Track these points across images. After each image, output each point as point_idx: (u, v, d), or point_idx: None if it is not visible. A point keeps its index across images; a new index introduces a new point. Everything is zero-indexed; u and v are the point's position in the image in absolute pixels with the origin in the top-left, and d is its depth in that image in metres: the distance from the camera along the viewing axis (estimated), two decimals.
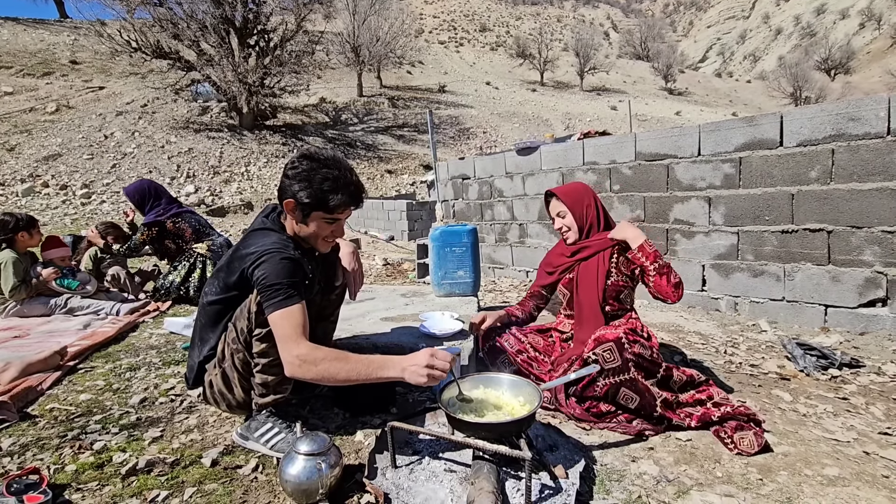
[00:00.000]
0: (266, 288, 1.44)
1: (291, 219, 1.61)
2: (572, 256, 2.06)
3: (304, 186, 1.53)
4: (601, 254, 1.99)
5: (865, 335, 2.84)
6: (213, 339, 1.66)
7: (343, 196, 1.55)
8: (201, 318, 1.70)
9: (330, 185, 1.53)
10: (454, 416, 1.36)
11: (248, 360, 1.56)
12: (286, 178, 1.57)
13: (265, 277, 1.45)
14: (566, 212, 2.06)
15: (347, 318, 2.58)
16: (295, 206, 1.56)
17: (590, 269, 2.00)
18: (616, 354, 1.64)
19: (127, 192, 3.89)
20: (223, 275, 1.61)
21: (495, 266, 5.56)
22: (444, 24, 56.05)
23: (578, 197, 2.07)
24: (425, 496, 1.28)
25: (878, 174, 2.79)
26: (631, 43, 58.35)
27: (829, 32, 72.48)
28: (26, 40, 21.32)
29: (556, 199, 2.09)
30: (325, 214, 1.57)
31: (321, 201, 1.54)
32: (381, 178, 15.79)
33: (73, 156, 13.51)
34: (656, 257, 1.86)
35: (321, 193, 1.53)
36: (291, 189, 1.55)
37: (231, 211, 12.23)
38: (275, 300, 1.42)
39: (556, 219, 2.11)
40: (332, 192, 1.54)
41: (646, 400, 1.66)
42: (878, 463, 1.51)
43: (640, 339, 1.72)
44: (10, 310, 3.43)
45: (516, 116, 23.44)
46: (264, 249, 1.50)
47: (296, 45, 17.49)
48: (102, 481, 1.43)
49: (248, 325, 1.51)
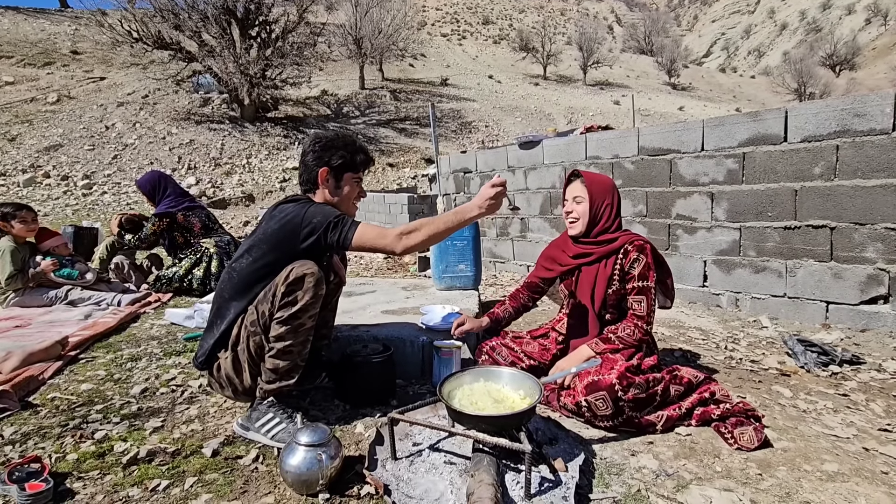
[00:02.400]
0: (333, 225, 1.58)
1: (324, 188, 1.76)
2: (575, 258, 1.95)
3: (333, 153, 1.74)
4: (605, 261, 1.87)
5: (866, 332, 2.83)
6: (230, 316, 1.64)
7: (363, 155, 1.81)
8: (225, 292, 1.67)
9: (351, 148, 1.78)
10: (454, 409, 1.36)
11: (262, 344, 1.57)
12: (311, 155, 1.75)
13: (325, 219, 1.58)
14: (584, 199, 1.89)
15: (348, 311, 2.58)
16: (328, 174, 1.74)
17: (591, 274, 1.89)
18: (609, 403, 1.61)
19: (139, 184, 3.93)
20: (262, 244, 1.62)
21: (497, 260, 5.56)
22: (446, 16, 55.68)
23: (603, 190, 1.91)
24: (425, 488, 1.28)
25: (883, 171, 2.77)
26: (635, 37, 57.88)
27: (834, 28, 71.88)
28: (27, 30, 21.21)
29: (580, 181, 1.92)
30: (353, 174, 1.79)
31: (351, 161, 1.77)
32: (383, 172, 15.75)
33: (75, 146, 13.48)
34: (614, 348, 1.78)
35: (348, 155, 1.76)
36: (322, 159, 1.74)
37: (232, 203, 12.21)
38: (345, 225, 1.58)
39: (569, 202, 1.94)
40: (355, 154, 1.78)
41: (643, 427, 1.65)
42: (877, 459, 1.51)
43: (634, 380, 1.63)
44: (10, 300, 3.44)
45: (519, 110, 23.33)
46: (314, 208, 1.62)
47: (297, 37, 17.36)
48: (104, 470, 1.43)
49: (269, 308, 1.54)
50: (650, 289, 1.81)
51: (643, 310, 1.80)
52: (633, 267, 1.82)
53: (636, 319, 1.81)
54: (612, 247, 1.86)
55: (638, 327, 1.79)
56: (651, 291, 1.82)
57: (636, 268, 1.81)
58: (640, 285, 1.81)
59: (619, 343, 1.78)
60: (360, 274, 5.31)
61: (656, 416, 1.66)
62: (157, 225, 3.76)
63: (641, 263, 1.81)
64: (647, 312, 1.80)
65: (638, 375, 1.67)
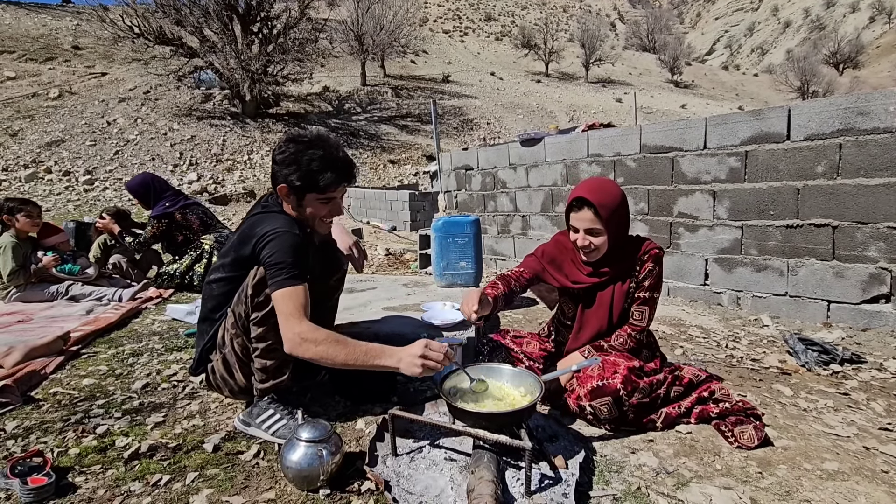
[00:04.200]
0: (272, 266, 1.46)
1: (286, 204, 1.62)
2: (591, 277, 1.79)
3: (294, 170, 1.54)
4: (620, 282, 1.76)
5: (868, 331, 2.83)
6: (216, 324, 1.67)
7: (332, 174, 1.56)
8: (206, 303, 1.70)
9: (318, 164, 1.54)
10: (455, 406, 1.37)
11: (247, 345, 1.57)
12: (275, 165, 1.58)
13: (272, 255, 1.47)
14: (601, 231, 1.68)
15: (349, 308, 2.58)
16: (288, 191, 1.58)
17: (606, 295, 1.78)
18: (613, 408, 1.60)
19: (130, 187, 3.84)
20: (231, 257, 1.61)
21: (497, 258, 5.55)
22: (448, 12, 55.48)
23: (618, 212, 1.70)
24: (425, 484, 1.28)
25: (886, 169, 2.76)
26: (637, 34, 57.63)
27: (838, 26, 71.52)
28: (28, 25, 21.19)
29: (591, 211, 1.66)
30: (318, 195, 1.58)
31: (312, 182, 1.55)
32: (384, 169, 15.74)
33: (76, 142, 13.48)
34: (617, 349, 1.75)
35: (311, 174, 1.54)
36: (282, 174, 1.56)
37: (234, 199, 12.20)
38: (279, 278, 1.44)
39: (581, 234, 1.71)
40: (321, 172, 1.55)
41: (644, 425, 1.66)
42: (877, 458, 1.51)
43: (639, 384, 1.62)
44: (11, 296, 3.44)
45: (520, 108, 23.27)
46: (273, 228, 1.51)
47: (299, 33, 17.31)
48: (105, 465, 1.44)
49: (245, 310, 1.52)
50: (656, 300, 1.78)
51: (644, 320, 1.76)
52: (646, 278, 1.75)
53: (631, 329, 1.77)
54: (630, 263, 1.76)
55: (631, 337, 1.76)
56: (656, 303, 1.78)
57: (648, 279, 1.75)
58: (646, 296, 1.75)
59: (611, 352, 1.75)
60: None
61: (656, 413, 1.67)
62: (155, 227, 3.75)
63: (654, 275, 1.75)
64: (647, 323, 1.77)
65: (641, 379, 1.66)
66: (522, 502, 1.22)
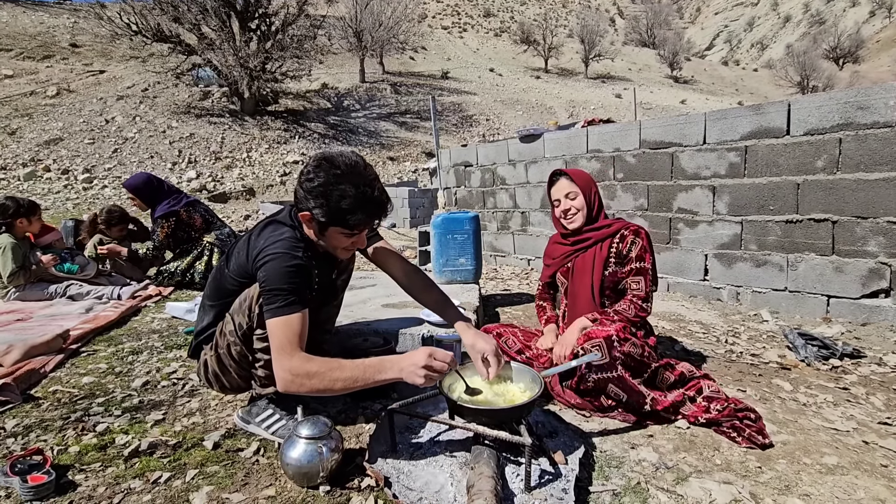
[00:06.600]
0: (267, 291, 1.39)
1: (308, 228, 1.51)
2: (573, 245, 2.02)
3: (321, 204, 1.39)
4: (600, 244, 1.95)
5: (867, 326, 2.83)
6: (212, 314, 1.65)
7: (362, 215, 1.42)
8: (208, 288, 1.69)
9: (349, 203, 1.39)
10: (455, 402, 1.37)
11: (245, 354, 1.55)
12: (301, 190, 1.43)
13: (267, 280, 1.39)
14: (577, 193, 1.95)
15: (349, 305, 2.57)
16: (311, 219, 1.45)
17: (587, 259, 1.97)
18: (604, 351, 1.63)
19: (132, 187, 3.70)
20: (234, 261, 1.58)
21: (497, 254, 5.55)
22: (447, 8, 55.26)
23: (588, 180, 2.00)
24: (425, 480, 1.29)
25: (886, 164, 2.76)
26: (637, 30, 57.44)
27: (838, 20, 71.26)
28: (26, 23, 21.10)
29: (566, 178, 1.99)
30: (343, 230, 1.45)
31: (339, 220, 1.42)
32: (384, 165, 15.71)
33: (75, 140, 13.45)
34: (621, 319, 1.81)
35: (339, 212, 1.40)
36: (307, 204, 1.42)
37: (233, 197, 12.19)
38: (273, 306, 1.36)
39: (564, 200, 1.98)
40: (351, 212, 1.40)
41: (633, 398, 1.65)
42: (876, 452, 1.51)
43: (631, 338, 1.71)
44: (11, 295, 3.44)
45: (520, 104, 23.22)
46: (272, 249, 1.42)
47: (297, 30, 17.24)
48: (105, 462, 1.44)
49: (248, 322, 1.49)
50: (647, 270, 1.89)
51: (641, 289, 1.87)
52: (631, 250, 1.90)
53: (633, 297, 1.87)
54: (608, 231, 1.95)
55: (635, 304, 1.85)
56: (649, 273, 1.88)
57: (633, 250, 1.89)
58: (637, 266, 1.89)
59: (615, 316, 1.82)
60: (361, 267, 5.31)
61: (646, 390, 1.68)
62: (166, 227, 3.72)
63: (638, 246, 1.90)
64: (646, 292, 1.87)
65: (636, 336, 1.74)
66: (522, 498, 1.22)
